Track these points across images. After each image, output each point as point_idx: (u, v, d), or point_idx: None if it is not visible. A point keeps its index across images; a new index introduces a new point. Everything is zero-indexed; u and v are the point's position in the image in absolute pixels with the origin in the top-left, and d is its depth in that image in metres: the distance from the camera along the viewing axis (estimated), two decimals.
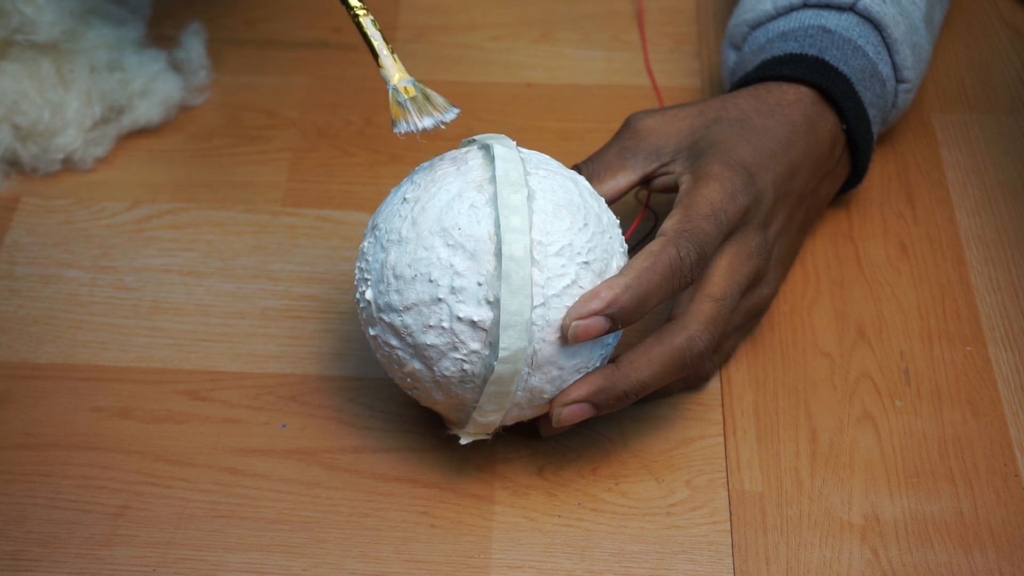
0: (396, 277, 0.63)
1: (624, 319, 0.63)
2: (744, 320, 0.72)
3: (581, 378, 0.65)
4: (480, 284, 0.62)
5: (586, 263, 0.63)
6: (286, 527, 0.67)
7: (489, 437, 0.67)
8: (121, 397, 0.73)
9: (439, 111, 0.66)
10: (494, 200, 0.63)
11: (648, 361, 0.65)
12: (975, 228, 0.81)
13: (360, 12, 0.67)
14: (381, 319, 0.64)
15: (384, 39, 0.67)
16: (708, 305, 0.67)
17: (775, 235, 0.72)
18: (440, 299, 0.62)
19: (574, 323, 0.62)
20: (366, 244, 0.66)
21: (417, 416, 0.72)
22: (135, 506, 0.68)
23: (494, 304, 0.62)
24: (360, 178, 0.84)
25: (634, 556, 0.66)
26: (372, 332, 0.66)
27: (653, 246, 0.65)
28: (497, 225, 0.62)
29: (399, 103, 0.66)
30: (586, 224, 0.64)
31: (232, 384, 0.74)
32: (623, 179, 0.72)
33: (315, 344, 0.75)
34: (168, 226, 0.82)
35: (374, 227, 0.66)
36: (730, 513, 0.68)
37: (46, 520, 0.68)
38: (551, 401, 0.65)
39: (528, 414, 0.66)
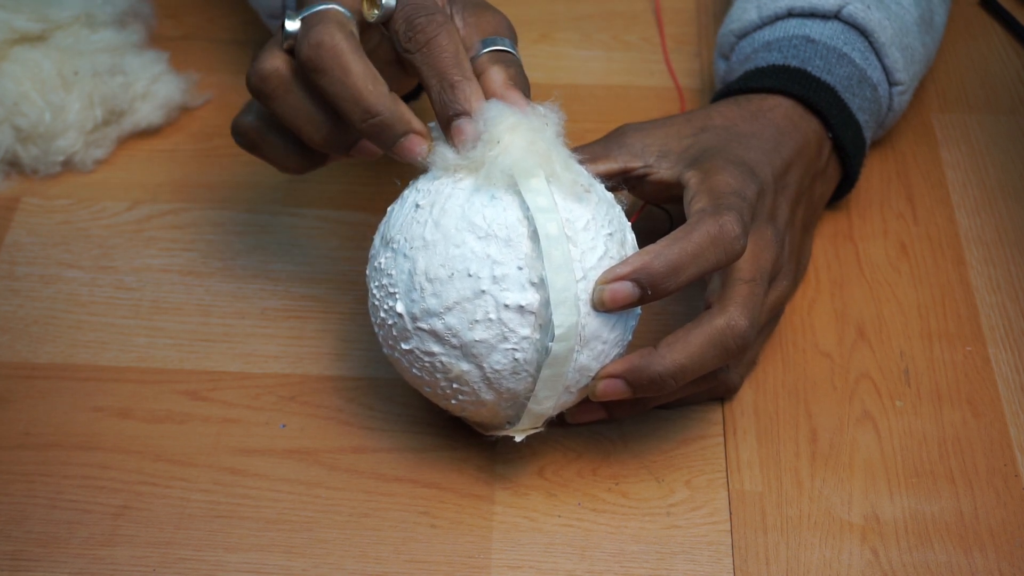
0: (430, 280, 0.62)
1: (654, 286, 0.63)
2: (768, 315, 0.72)
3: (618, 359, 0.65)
4: (521, 268, 0.62)
5: (610, 235, 0.64)
6: (286, 527, 0.67)
7: (542, 428, 0.66)
8: (121, 397, 0.73)
9: None
10: (513, 187, 0.63)
11: (685, 343, 0.64)
12: (975, 228, 0.81)
13: None
14: (418, 329, 0.63)
15: None
16: (742, 287, 0.66)
17: (784, 226, 0.72)
18: (483, 291, 0.62)
19: (600, 287, 0.62)
20: (383, 260, 0.65)
21: (417, 416, 0.72)
22: (135, 506, 0.68)
23: (538, 285, 0.62)
24: (360, 178, 0.84)
25: (634, 556, 0.66)
26: (405, 347, 0.64)
27: (689, 221, 0.65)
28: (525, 208, 0.62)
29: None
30: (599, 199, 0.65)
31: (232, 384, 0.74)
32: (603, 166, 0.72)
33: (315, 344, 0.75)
34: (168, 226, 0.82)
35: (388, 241, 0.65)
36: (730, 513, 0.68)
37: (46, 520, 0.68)
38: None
39: (572, 400, 0.66)
